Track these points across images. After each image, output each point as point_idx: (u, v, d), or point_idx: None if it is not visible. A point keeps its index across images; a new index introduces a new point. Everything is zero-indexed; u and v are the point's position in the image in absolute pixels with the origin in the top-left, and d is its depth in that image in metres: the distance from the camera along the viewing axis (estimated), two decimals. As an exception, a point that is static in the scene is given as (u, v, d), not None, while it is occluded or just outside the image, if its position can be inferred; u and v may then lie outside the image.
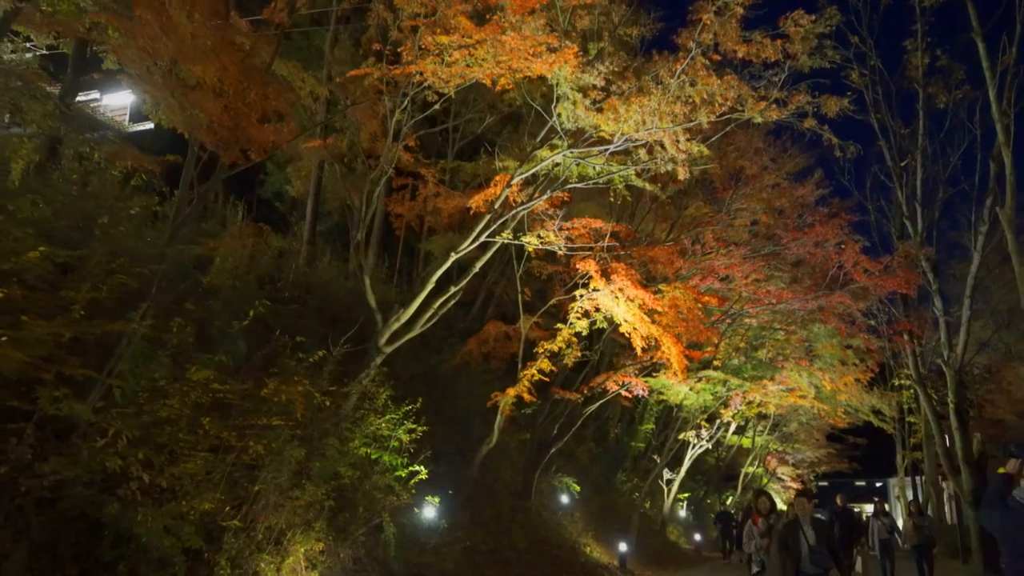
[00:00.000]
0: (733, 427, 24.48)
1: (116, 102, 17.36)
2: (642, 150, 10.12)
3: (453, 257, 10.24)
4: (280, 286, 12.01)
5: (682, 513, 27.12)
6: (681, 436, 21.77)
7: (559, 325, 11.27)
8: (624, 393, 13.79)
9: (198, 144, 6.26)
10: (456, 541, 9.87)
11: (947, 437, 16.68)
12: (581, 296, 10.67)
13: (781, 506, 35.95)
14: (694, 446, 21.80)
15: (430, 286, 10.35)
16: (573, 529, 15.46)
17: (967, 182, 15.55)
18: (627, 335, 10.40)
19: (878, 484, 54.18)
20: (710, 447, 23.45)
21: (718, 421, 21.75)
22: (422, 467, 9.48)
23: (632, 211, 15.03)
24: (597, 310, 10.72)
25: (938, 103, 17.51)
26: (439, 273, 10.34)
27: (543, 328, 13.15)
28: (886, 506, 13.23)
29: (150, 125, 17.10)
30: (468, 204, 10.87)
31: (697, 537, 24.51)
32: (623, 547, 14.99)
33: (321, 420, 8.57)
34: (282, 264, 14.06)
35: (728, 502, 30.09)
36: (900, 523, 13.19)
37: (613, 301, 10.01)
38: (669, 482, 23.15)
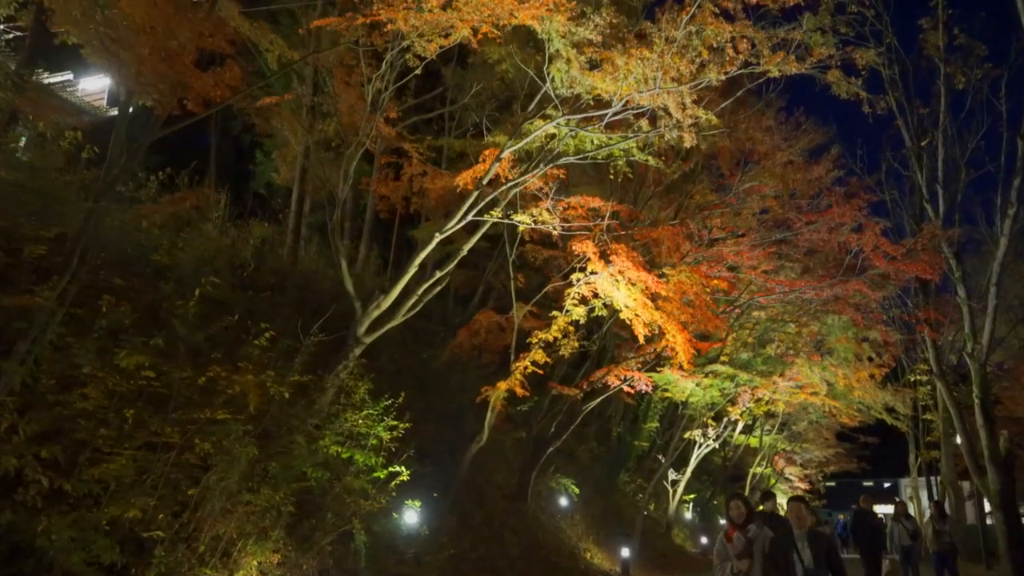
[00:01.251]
0: (740, 426, 23.53)
1: (93, 86, 16.60)
2: (644, 122, 9.25)
3: (438, 237, 9.37)
4: (252, 271, 11.17)
5: (688, 515, 26.19)
6: (687, 435, 20.84)
7: (554, 313, 10.37)
8: (626, 389, 12.88)
9: (129, 93, 5.41)
10: (440, 549, 9.00)
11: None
12: (578, 281, 9.77)
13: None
14: (700, 445, 20.84)
15: (413, 270, 9.48)
16: (572, 533, 14.57)
17: (992, 163, 14.49)
18: (628, 322, 9.50)
19: (886, 484, 53.06)
20: (717, 447, 22.50)
21: (725, 419, 20.80)
22: (403, 468, 8.62)
23: (635, 195, 14.12)
24: (596, 296, 9.82)
25: (957, 84, 16.59)
26: (423, 255, 9.48)
27: (539, 319, 12.27)
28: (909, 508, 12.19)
29: (129, 109, 16.32)
30: (456, 182, 9.98)
31: (704, 540, 23.58)
32: (625, 552, 14.09)
33: (290, 415, 7.74)
34: (264, 253, 13.30)
35: (735, 503, 29.14)
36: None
37: (612, 285, 9.10)
38: (674, 483, 22.23)
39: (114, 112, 16.59)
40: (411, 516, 8.62)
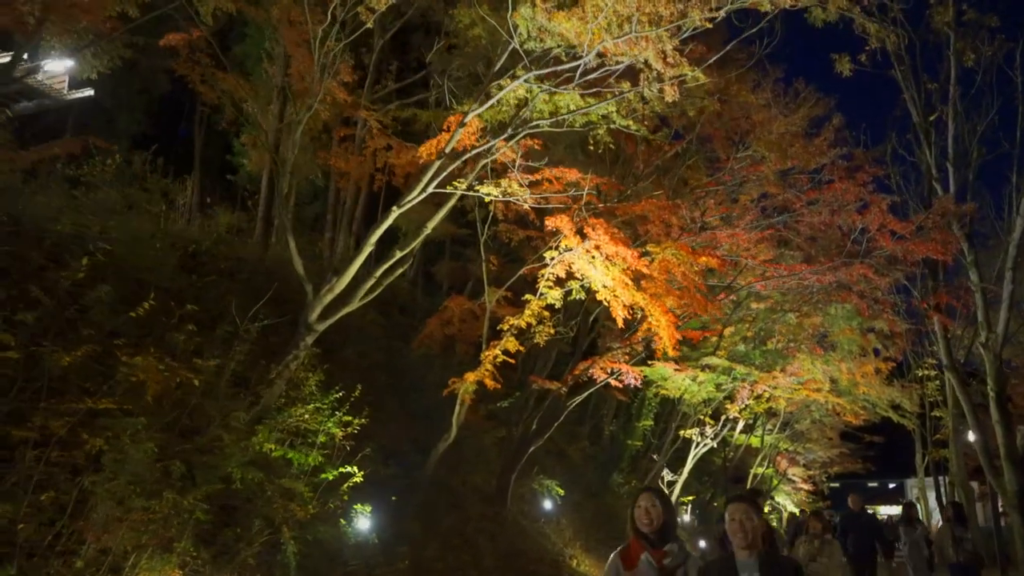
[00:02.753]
0: (740, 425, 22.54)
1: (54, 69, 15.75)
2: (626, 84, 8.32)
3: (396, 212, 8.46)
4: (206, 256, 10.27)
5: (686, 518, 25.18)
6: (683, 433, 19.85)
7: (527, 296, 9.43)
8: (614, 382, 11.92)
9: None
10: (398, 558, 8.05)
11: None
12: (551, 260, 8.81)
13: (793, 508, 33.73)
14: (698, 444, 19.84)
15: (368, 248, 8.57)
16: (558, 539, 13.60)
17: (1007, 140, 13.55)
18: (606, 303, 8.54)
19: (891, 485, 51.95)
20: (715, 446, 21.50)
21: (724, 417, 19.82)
22: (356, 468, 7.69)
23: (622, 176, 13.15)
24: (572, 276, 8.87)
25: (966, 61, 15.68)
26: (379, 232, 8.57)
27: (517, 306, 11.35)
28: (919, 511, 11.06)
29: (91, 92, 15.61)
30: (419, 152, 9.07)
31: (702, 544, 22.54)
32: (615, 559, 13.11)
33: (224, 408, 6.84)
34: (228, 240, 12.46)
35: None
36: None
37: (588, 262, 8.16)
38: (671, 484, 21.22)
39: (76, 95, 15.73)
40: (363, 522, 7.68)
